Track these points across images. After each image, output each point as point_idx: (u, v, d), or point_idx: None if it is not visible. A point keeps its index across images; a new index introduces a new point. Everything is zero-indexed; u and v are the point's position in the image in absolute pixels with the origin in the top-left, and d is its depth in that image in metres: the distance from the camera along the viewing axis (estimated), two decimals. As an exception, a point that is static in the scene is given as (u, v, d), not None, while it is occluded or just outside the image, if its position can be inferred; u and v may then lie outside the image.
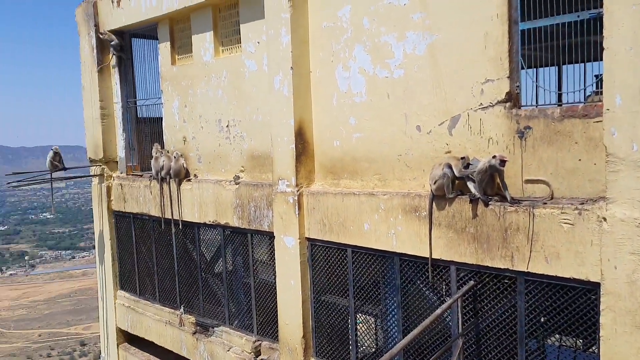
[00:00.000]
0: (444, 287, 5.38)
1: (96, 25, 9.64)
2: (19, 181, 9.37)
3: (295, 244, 6.46)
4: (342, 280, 6.21)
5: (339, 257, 6.20)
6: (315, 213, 6.30)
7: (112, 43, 9.46)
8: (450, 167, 5.02)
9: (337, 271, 6.24)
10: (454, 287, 5.14)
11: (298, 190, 6.39)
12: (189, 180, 8.32)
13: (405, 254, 5.50)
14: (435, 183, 5.08)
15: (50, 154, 9.75)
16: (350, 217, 5.95)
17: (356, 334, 6.17)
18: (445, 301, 5.08)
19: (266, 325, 7.35)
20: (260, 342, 7.41)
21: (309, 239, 6.44)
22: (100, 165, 10.03)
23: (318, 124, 6.42)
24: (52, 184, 9.77)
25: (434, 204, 5.14)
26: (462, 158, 5.00)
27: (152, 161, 8.72)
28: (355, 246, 5.96)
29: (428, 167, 5.37)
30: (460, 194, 5.03)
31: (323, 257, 6.37)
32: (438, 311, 4.75)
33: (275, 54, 6.44)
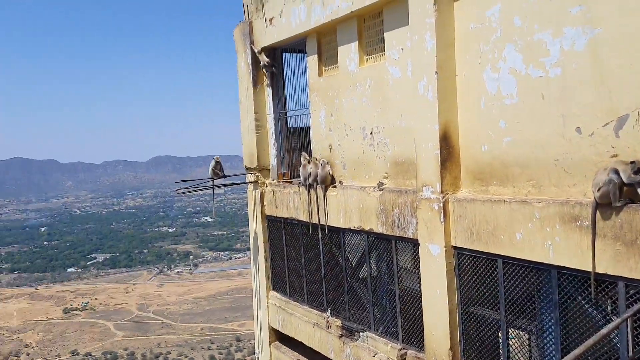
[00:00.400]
0: (609, 304, 4.85)
1: (251, 43, 10.43)
2: (185, 188, 10.45)
3: (441, 252, 6.32)
4: (493, 292, 5.92)
5: (488, 268, 5.93)
6: (462, 221, 6.10)
7: (263, 64, 10.17)
8: (617, 172, 4.53)
9: (487, 282, 5.96)
10: (622, 305, 4.62)
11: (443, 197, 6.25)
12: (334, 186, 8.58)
13: (564, 267, 5.08)
14: (599, 190, 4.62)
15: (212, 163, 10.73)
16: (500, 225, 5.66)
17: (508, 350, 5.83)
18: (612, 320, 4.58)
19: (411, 333, 7.28)
20: (405, 350, 7.35)
21: (455, 248, 6.26)
22: (255, 173, 10.79)
23: (464, 128, 6.22)
24: (213, 190, 10.76)
25: (597, 213, 4.68)
26: (631, 162, 4.49)
27: (301, 168, 9.17)
28: (507, 257, 5.65)
29: (590, 172, 4.90)
30: (630, 202, 4.51)
31: (471, 266, 6.14)
32: (604, 331, 4.30)
33: (419, 59, 6.40)
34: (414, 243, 6.91)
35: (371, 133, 7.85)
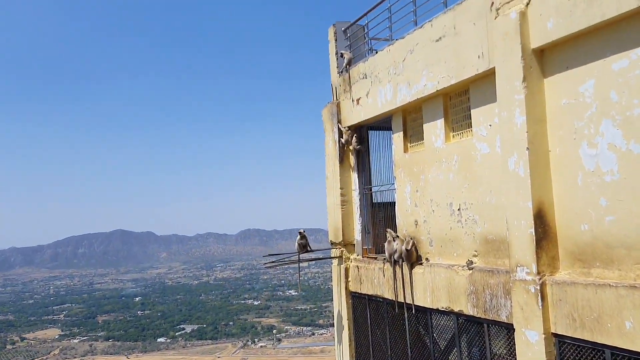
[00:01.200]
0: None
1: (339, 122, 10.81)
2: (272, 262, 10.64)
3: (539, 339, 5.84)
4: (600, 387, 5.32)
5: (594, 359, 5.37)
6: (562, 305, 5.66)
7: (349, 141, 10.47)
8: None
9: (593, 376, 5.39)
10: None
11: (540, 279, 5.86)
12: (421, 264, 8.36)
13: (686, 363, 4.49)
14: None
15: (298, 236, 10.92)
16: (606, 312, 5.17)
17: None
18: None
19: None
20: None
21: (555, 335, 5.76)
22: (340, 248, 10.80)
23: (560, 206, 5.92)
24: (299, 264, 10.85)
25: None
26: None
27: (386, 244, 9.06)
28: (615, 347, 5.10)
29: None
30: None
31: (575, 357, 5.59)
32: None
33: (509, 135, 6.29)
34: (509, 328, 6.46)
35: (459, 209, 7.67)
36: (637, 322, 4.88)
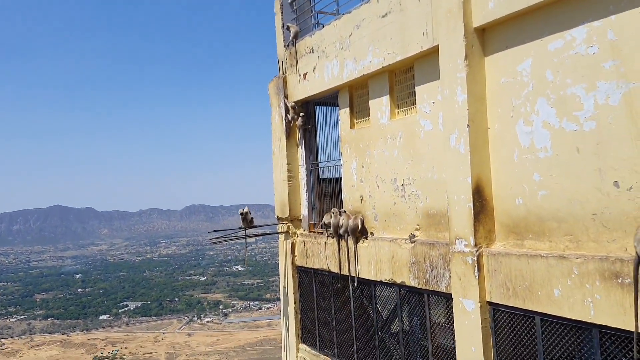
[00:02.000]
0: (658, 369, 4.57)
1: (285, 97, 10.71)
2: (217, 238, 10.54)
3: (475, 307, 6.13)
4: (531, 350, 5.66)
5: (526, 325, 5.70)
6: (497, 275, 5.94)
7: (296, 116, 10.41)
8: (659, 228, 4.36)
9: (525, 340, 5.72)
10: (672, 370, 4.33)
11: (477, 251, 6.12)
12: (366, 238, 8.53)
13: (605, 326, 4.84)
14: (641, 246, 4.44)
15: (243, 211, 10.81)
16: (537, 281, 5.47)
17: (548, 415, 5.51)
18: (662, 387, 4.29)
19: (445, 392, 6.98)
20: (438, 410, 7.03)
21: (490, 303, 6.06)
22: (286, 223, 10.83)
23: (497, 181, 6.16)
24: (245, 240, 10.80)
25: (640, 270, 4.48)
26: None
27: (332, 219, 9.17)
28: (545, 314, 5.43)
29: (631, 227, 4.74)
30: (675, 259, 4.31)
31: (507, 324, 5.91)
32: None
33: (451, 113, 6.44)
34: (448, 297, 6.73)
35: (402, 185, 7.84)
36: (565, 290, 5.19)
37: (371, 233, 8.55)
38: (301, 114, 10.47)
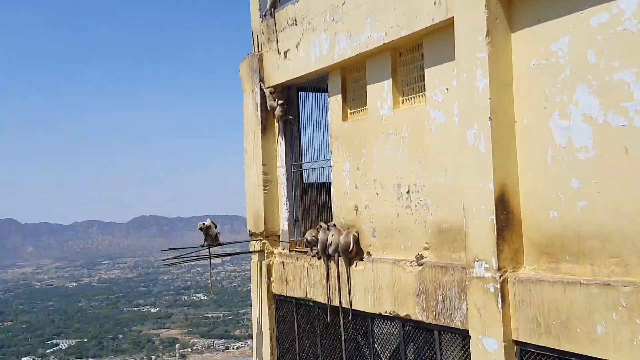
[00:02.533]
0: None
1: (261, 81, 10.71)
2: (174, 258, 10.47)
3: (498, 348, 6.14)
4: (566, 402, 5.68)
5: (560, 370, 5.72)
6: (525, 308, 5.96)
7: (275, 105, 10.41)
8: None
9: (559, 389, 5.74)
10: None
11: (501, 276, 6.14)
12: (361, 259, 8.52)
13: (660, 371, 4.87)
14: None
15: (204, 225, 10.70)
16: (576, 315, 5.50)
17: None
18: None
19: None
20: None
21: (517, 343, 6.07)
22: (261, 240, 10.81)
23: (526, 188, 6.19)
24: (210, 261, 10.75)
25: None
26: None
27: (320, 235, 9.16)
28: (585, 357, 5.45)
29: (691, 247, 4.78)
30: None
31: (538, 368, 5.93)
32: None
33: (468, 102, 6.47)
34: (464, 335, 6.73)
35: (408, 192, 7.85)
36: (610, 326, 5.22)
37: (368, 253, 8.54)
38: (281, 102, 10.47)
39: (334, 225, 9.08)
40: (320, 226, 9.23)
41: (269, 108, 10.60)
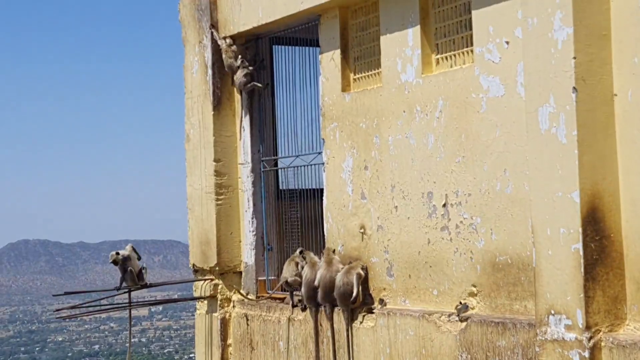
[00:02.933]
0: None
1: (213, 27, 10.66)
2: (73, 307, 10.40)
3: None
4: None
5: None
6: (629, 388, 5.95)
7: (236, 65, 10.38)
8: None
9: None
10: None
11: (591, 338, 6.13)
12: (371, 310, 8.53)
13: None
14: None
15: (120, 255, 10.61)
16: None
17: None
18: None
19: None
20: None
21: None
22: (212, 280, 10.78)
23: (632, 200, 6.20)
24: (130, 314, 10.67)
25: None
26: None
27: (305, 270, 9.11)
28: None
29: None
30: None
31: None
32: None
33: (539, 63, 6.46)
34: None
35: (444, 205, 7.84)
36: None
37: (381, 301, 8.54)
38: (244, 61, 10.43)
39: (332, 252, 9.03)
40: (302, 257, 9.18)
41: (226, 69, 10.54)
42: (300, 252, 9.35)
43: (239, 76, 10.46)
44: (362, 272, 8.64)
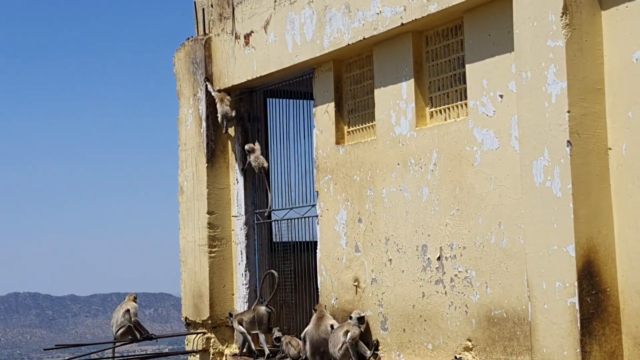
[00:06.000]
0: None
1: (208, 79, 10.71)
2: (66, 360, 10.31)
3: None
4: None
5: None
6: None
7: (230, 116, 10.42)
8: None
9: None
10: None
11: (587, 398, 6.07)
12: (365, 365, 8.43)
13: None
14: None
15: (123, 309, 10.59)
16: None
17: None
18: None
19: None
20: None
21: None
22: (204, 334, 10.69)
23: (627, 253, 6.17)
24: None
25: None
26: None
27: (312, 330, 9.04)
28: None
29: None
30: None
31: None
32: None
33: (534, 117, 6.48)
34: None
35: (439, 259, 7.81)
36: None
37: (375, 355, 8.45)
38: (238, 113, 10.44)
39: (324, 307, 8.98)
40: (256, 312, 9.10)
41: (220, 121, 10.55)
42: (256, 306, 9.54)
43: (234, 129, 10.54)
44: (356, 333, 8.54)
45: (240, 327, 9.85)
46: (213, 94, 10.61)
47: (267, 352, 9.69)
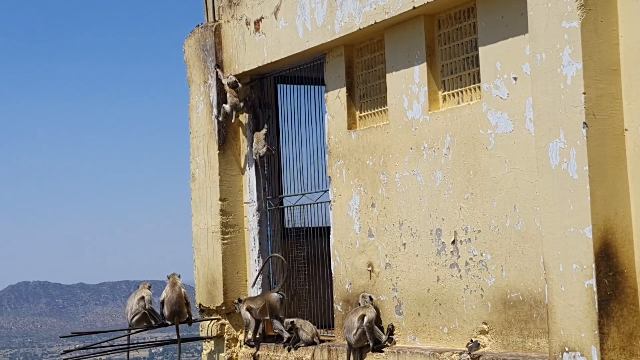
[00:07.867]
0: None
1: (218, 66, 10.69)
2: (81, 349, 10.30)
3: None
4: None
5: None
6: None
7: (242, 104, 10.39)
8: None
9: None
10: None
11: (606, 377, 6.06)
12: (380, 348, 8.47)
13: None
14: None
15: (138, 296, 10.62)
16: None
17: None
18: None
19: None
20: None
21: None
22: (218, 320, 10.74)
23: (644, 234, 6.16)
24: (128, 355, 10.56)
25: None
26: None
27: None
28: None
29: None
30: None
31: None
32: None
33: (549, 99, 6.45)
34: None
35: (454, 242, 7.81)
36: None
37: (389, 339, 8.48)
38: (248, 99, 10.44)
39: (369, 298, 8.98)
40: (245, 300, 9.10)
41: (230, 110, 10.53)
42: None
43: (245, 116, 10.52)
44: (372, 316, 8.55)
45: (247, 313, 9.84)
46: (223, 81, 10.57)
47: (286, 335, 9.65)
